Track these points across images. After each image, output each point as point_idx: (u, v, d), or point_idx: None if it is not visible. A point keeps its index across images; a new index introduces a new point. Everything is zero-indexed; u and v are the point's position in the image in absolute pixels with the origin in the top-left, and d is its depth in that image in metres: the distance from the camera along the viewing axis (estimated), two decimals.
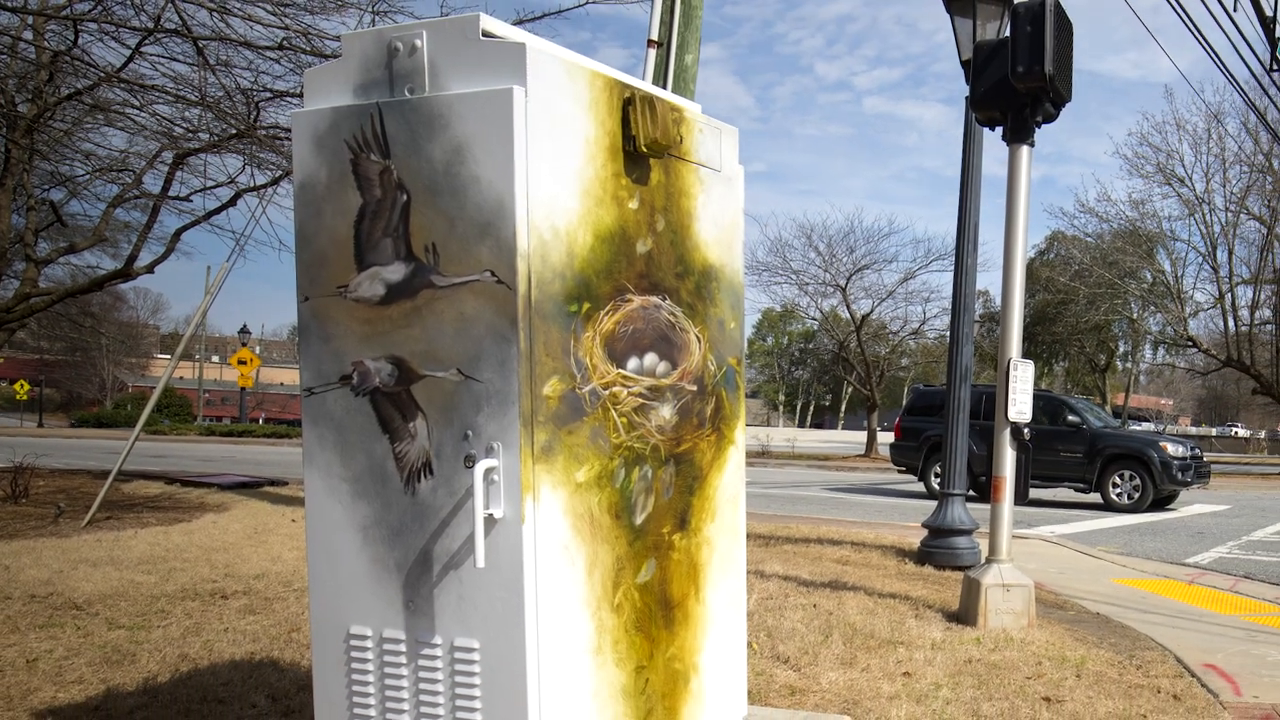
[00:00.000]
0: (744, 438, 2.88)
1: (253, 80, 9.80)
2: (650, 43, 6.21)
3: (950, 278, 9.32)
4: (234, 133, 9.71)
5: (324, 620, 2.29)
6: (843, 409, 73.51)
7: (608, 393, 2.30)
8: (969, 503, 7.52)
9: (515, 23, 8.66)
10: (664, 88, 5.68)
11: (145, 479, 12.47)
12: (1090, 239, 33.58)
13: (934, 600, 5.74)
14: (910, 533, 9.27)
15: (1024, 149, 5.19)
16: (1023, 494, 5.24)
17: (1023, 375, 5.21)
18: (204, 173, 11.46)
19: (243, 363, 31.19)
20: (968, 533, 7.30)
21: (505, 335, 2.06)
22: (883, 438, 27.97)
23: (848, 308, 30.58)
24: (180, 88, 9.70)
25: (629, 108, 2.31)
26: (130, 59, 9.24)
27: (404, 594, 2.19)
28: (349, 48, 2.22)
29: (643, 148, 2.32)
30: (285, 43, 8.83)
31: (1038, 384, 36.15)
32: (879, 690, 3.84)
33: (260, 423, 45.45)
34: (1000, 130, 5.28)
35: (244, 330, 37.79)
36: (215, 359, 68.08)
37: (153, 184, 11.55)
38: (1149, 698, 3.92)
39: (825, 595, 5.75)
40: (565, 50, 2.24)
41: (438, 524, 2.15)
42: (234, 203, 11.24)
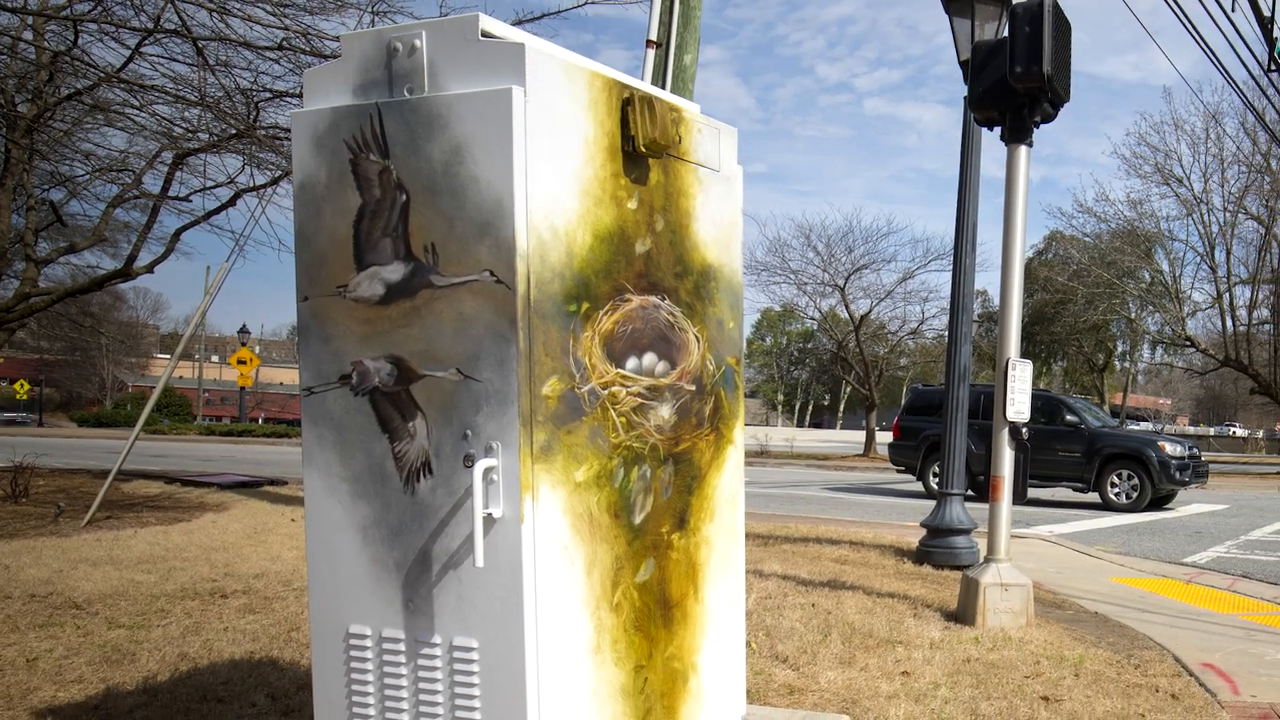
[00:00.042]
0: (743, 437, 2.88)
1: (252, 80, 9.81)
2: (649, 43, 6.21)
3: (948, 277, 9.34)
4: (234, 133, 9.72)
5: (323, 619, 2.29)
6: (841, 409, 73.56)
7: (607, 392, 2.30)
8: (967, 502, 7.53)
9: (514, 23, 8.67)
10: (663, 88, 5.68)
11: (145, 478, 12.46)
12: (1088, 239, 33.61)
13: (932, 599, 5.75)
14: (909, 532, 9.28)
15: (1022, 149, 5.19)
16: (1021, 493, 5.24)
17: (1021, 375, 5.22)
18: (204, 173, 11.48)
19: (242, 362, 31.19)
20: (966, 532, 7.31)
21: (504, 335, 2.07)
22: (881, 437, 27.98)
23: (846, 307, 30.62)
24: (180, 88, 9.72)
25: (628, 108, 2.32)
26: (130, 59, 9.25)
27: (403, 593, 2.19)
28: (348, 48, 2.22)
29: (641, 148, 2.33)
30: (285, 43, 8.83)
31: (1036, 384, 36.19)
32: (877, 689, 3.85)
33: (260, 422, 45.50)
34: (999, 130, 5.28)
35: (243, 330, 37.82)
36: (215, 359, 68.13)
37: (152, 184, 11.58)
38: (1147, 697, 3.93)
39: (824, 594, 5.75)
40: (564, 50, 2.24)
41: (437, 524, 2.16)
42: (233, 203, 11.25)
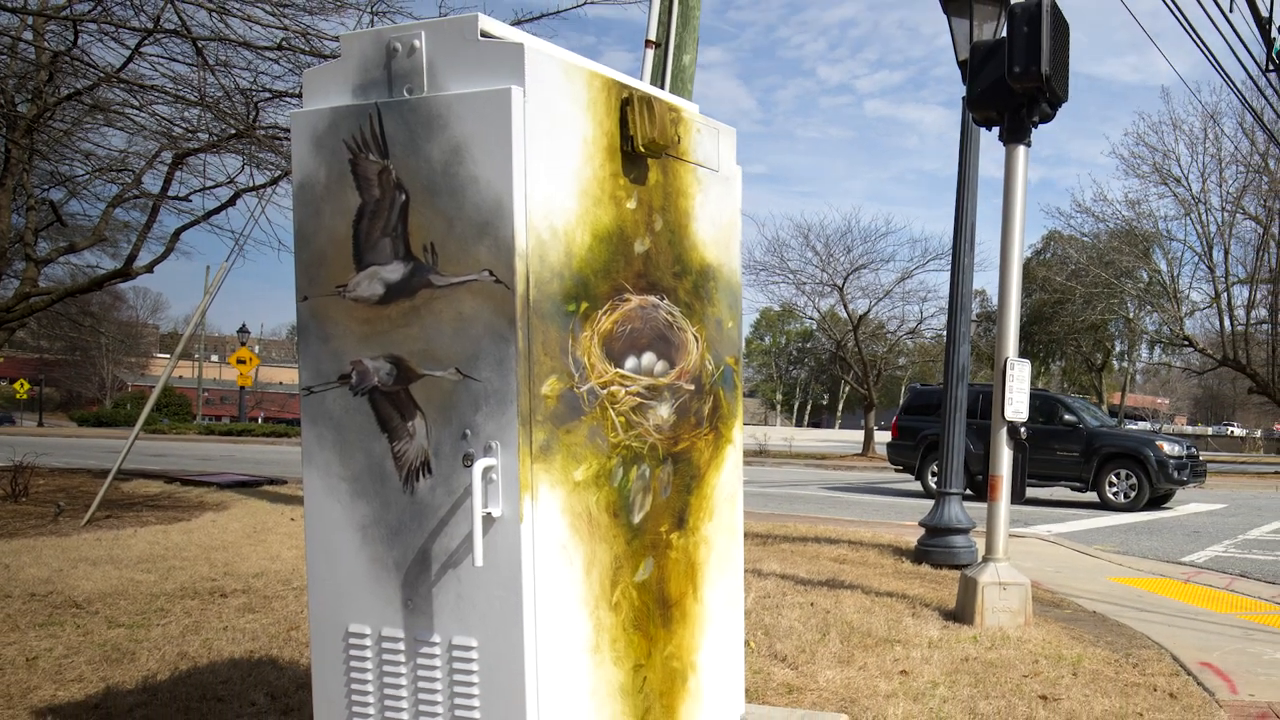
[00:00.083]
0: (741, 437, 2.89)
1: (252, 80, 9.81)
2: (648, 43, 6.21)
3: (947, 277, 9.34)
4: (233, 133, 9.72)
5: (323, 619, 2.29)
6: (840, 408, 73.56)
7: (606, 392, 2.31)
8: (966, 502, 7.54)
9: (514, 23, 8.67)
10: (662, 88, 5.68)
11: (145, 478, 12.46)
12: (1087, 239, 33.61)
13: (931, 599, 5.75)
14: (907, 531, 9.28)
15: (1021, 149, 5.20)
16: (1019, 493, 5.25)
17: (1019, 374, 5.22)
18: (203, 173, 11.48)
19: (242, 362, 31.17)
20: (965, 531, 7.32)
21: (503, 334, 2.07)
22: (880, 437, 27.99)
23: (845, 307, 30.60)
24: (180, 88, 9.72)
25: (627, 108, 2.32)
26: (130, 59, 9.25)
27: (403, 593, 2.20)
28: (348, 48, 2.23)
29: (640, 148, 2.33)
30: (284, 43, 8.83)
31: (1034, 383, 36.22)
32: (876, 688, 3.86)
33: (259, 422, 45.53)
34: (997, 130, 5.29)
35: (243, 329, 37.83)
36: (214, 358, 68.14)
37: (152, 184, 11.57)
38: (1145, 696, 3.93)
39: (822, 594, 5.76)
40: (563, 50, 2.24)
41: (436, 523, 2.16)
42: (233, 203, 11.25)
